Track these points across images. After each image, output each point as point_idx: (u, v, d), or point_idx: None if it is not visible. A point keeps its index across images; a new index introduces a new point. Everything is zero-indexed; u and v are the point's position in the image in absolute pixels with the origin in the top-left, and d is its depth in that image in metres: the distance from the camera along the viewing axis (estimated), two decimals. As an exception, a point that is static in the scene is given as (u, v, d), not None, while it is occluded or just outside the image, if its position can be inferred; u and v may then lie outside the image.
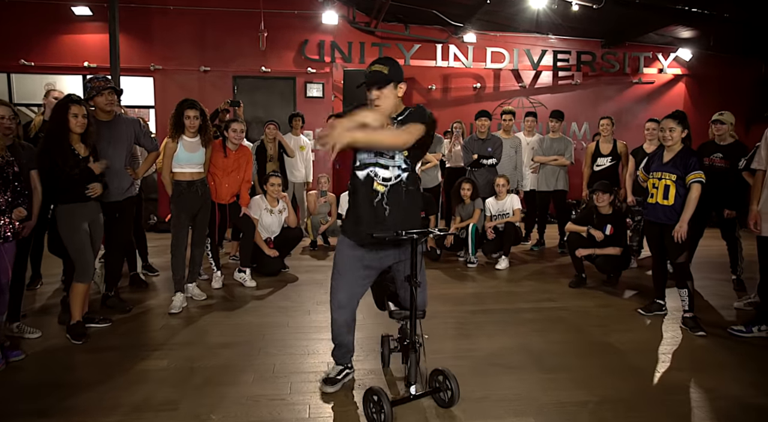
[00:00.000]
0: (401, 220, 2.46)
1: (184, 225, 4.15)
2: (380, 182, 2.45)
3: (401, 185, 2.47)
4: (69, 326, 3.41)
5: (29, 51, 7.84)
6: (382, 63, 2.45)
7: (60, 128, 3.29)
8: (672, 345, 3.46)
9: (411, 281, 2.40)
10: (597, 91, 9.62)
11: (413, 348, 2.46)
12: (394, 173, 2.46)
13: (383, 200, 2.46)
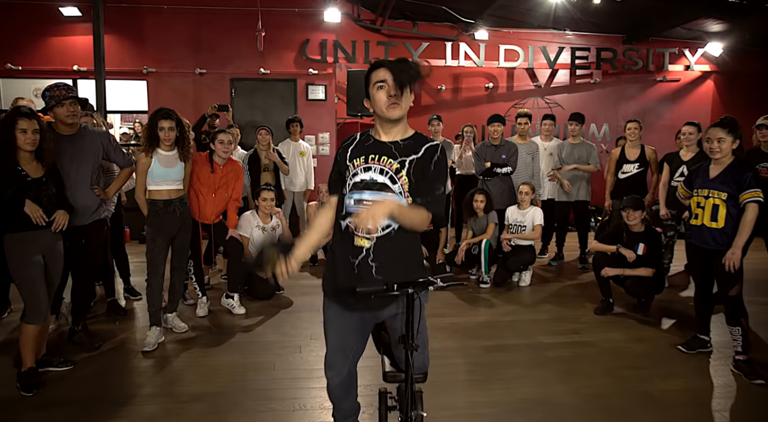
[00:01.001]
0: (393, 272, 1.95)
1: (161, 250, 3.68)
2: (362, 236, 1.92)
3: (392, 234, 1.92)
4: (20, 373, 2.96)
5: (16, 54, 7.45)
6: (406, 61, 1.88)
7: (5, 145, 2.84)
8: (726, 398, 2.92)
9: (406, 343, 1.89)
10: (618, 90, 9.01)
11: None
12: (383, 223, 1.91)
13: (368, 257, 1.93)
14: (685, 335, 3.70)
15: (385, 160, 1.93)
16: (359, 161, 1.95)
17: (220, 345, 3.66)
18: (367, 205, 1.89)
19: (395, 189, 1.92)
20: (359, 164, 1.95)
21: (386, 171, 1.92)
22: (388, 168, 1.92)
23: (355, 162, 1.95)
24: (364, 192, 1.92)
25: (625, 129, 5.53)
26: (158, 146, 3.64)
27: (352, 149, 1.99)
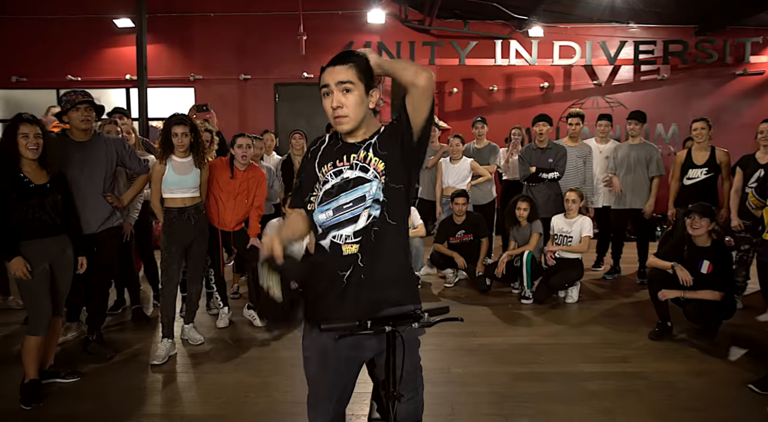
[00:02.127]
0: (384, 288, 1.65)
1: (175, 259, 3.57)
2: (351, 242, 1.65)
3: (372, 231, 1.64)
4: (22, 385, 2.91)
5: (75, 66, 7.81)
6: (341, 59, 1.64)
7: (7, 151, 2.80)
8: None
9: (387, 391, 1.57)
10: (689, 86, 8.21)
11: None
12: (365, 217, 1.64)
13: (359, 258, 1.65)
14: (760, 371, 3.13)
15: (352, 156, 1.68)
16: (328, 166, 1.70)
17: (230, 360, 3.49)
18: (347, 209, 1.65)
19: (369, 176, 1.65)
20: (328, 169, 1.70)
21: (355, 164, 1.67)
22: (356, 160, 1.67)
23: (323, 169, 1.71)
24: (339, 196, 1.67)
25: (691, 129, 4.91)
26: (172, 153, 3.54)
27: (320, 155, 1.73)
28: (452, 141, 5.73)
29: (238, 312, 4.30)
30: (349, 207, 1.65)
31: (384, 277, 1.67)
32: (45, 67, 7.75)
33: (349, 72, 1.60)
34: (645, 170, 5.29)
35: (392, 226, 1.66)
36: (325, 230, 1.69)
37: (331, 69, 1.63)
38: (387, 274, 1.67)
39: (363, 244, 1.64)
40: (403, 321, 1.54)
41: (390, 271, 1.67)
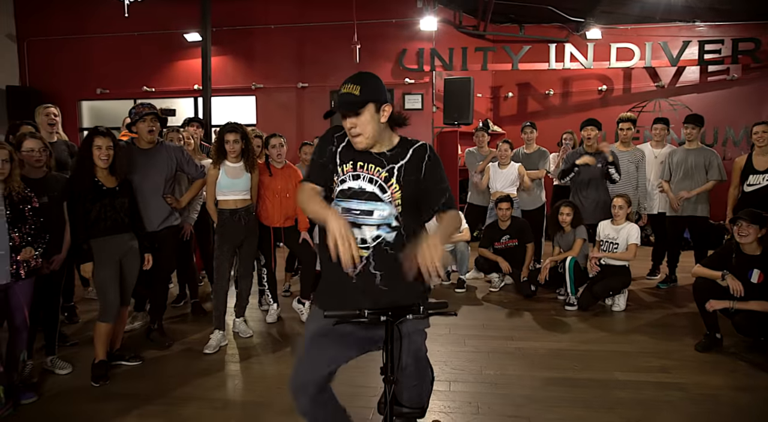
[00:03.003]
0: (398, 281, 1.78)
1: (227, 257, 3.87)
2: (361, 246, 1.79)
3: (383, 248, 1.80)
4: (92, 365, 3.27)
5: (150, 78, 8.47)
6: (352, 81, 1.80)
7: (84, 160, 3.19)
8: None
9: (386, 375, 1.71)
10: (762, 87, 7.74)
11: None
12: (371, 234, 1.81)
13: (369, 265, 1.81)
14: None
15: (372, 168, 1.84)
16: (348, 166, 1.87)
17: (274, 352, 3.73)
18: (356, 214, 1.81)
19: (384, 198, 1.82)
20: (348, 170, 1.86)
21: (375, 180, 1.83)
22: (377, 177, 1.84)
23: (344, 167, 1.87)
24: (352, 201, 1.84)
25: (751, 133, 4.68)
26: (225, 158, 3.83)
27: (341, 151, 1.89)
28: (501, 146, 5.75)
29: (286, 310, 4.55)
30: (357, 214, 1.81)
31: (393, 282, 1.81)
32: (124, 80, 8.47)
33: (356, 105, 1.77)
34: (704, 175, 5.09)
35: (399, 234, 1.82)
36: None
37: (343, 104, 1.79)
38: (396, 279, 1.79)
39: (374, 252, 1.80)
40: (400, 311, 1.67)
41: (399, 276, 1.76)
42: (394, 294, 1.81)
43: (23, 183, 2.94)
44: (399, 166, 1.84)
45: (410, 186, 1.83)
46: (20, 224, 2.86)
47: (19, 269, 2.84)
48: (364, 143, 1.81)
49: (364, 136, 1.80)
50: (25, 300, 2.94)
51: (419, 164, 1.85)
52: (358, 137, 1.80)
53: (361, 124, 1.78)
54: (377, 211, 1.81)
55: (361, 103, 1.77)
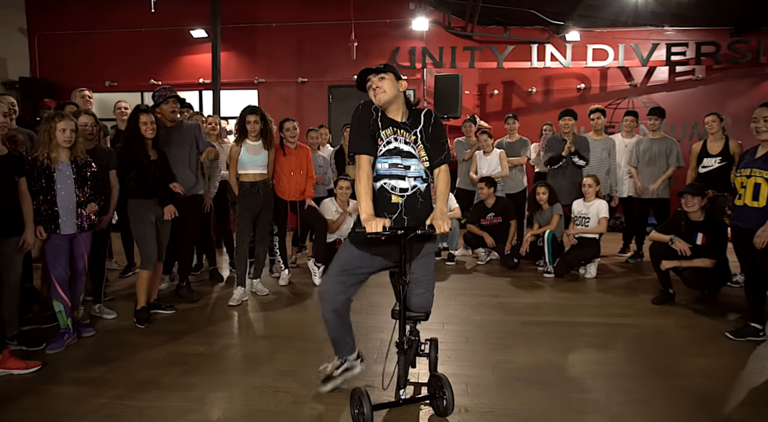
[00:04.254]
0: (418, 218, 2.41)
1: (247, 224, 4.41)
2: (398, 194, 2.41)
3: (417, 195, 2.41)
4: (135, 311, 3.79)
5: (157, 72, 8.95)
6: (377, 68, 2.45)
7: (135, 134, 3.71)
8: (755, 377, 2.89)
9: (399, 279, 2.30)
10: (724, 86, 8.47)
11: (401, 349, 2.34)
12: (410, 184, 2.42)
13: (402, 211, 2.42)
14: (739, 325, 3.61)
15: (404, 133, 2.44)
16: (389, 131, 2.43)
17: (290, 305, 4.29)
18: (399, 167, 2.41)
19: (416, 155, 2.44)
20: (389, 133, 2.43)
21: (408, 141, 2.44)
22: (409, 139, 2.44)
23: (386, 131, 2.43)
24: (394, 157, 2.42)
25: (704, 123, 5.34)
26: (246, 137, 4.38)
27: (380, 119, 2.44)
28: (481, 137, 6.38)
29: (296, 276, 5.11)
30: (400, 167, 2.41)
31: (418, 219, 2.41)
32: (132, 73, 8.94)
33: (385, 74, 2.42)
34: (666, 162, 5.74)
35: (428, 184, 2.47)
36: (379, 175, 2.44)
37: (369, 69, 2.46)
38: (421, 217, 2.41)
39: (408, 199, 2.41)
40: (407, 230, 2.27)
41: (423, 214, 2.41)
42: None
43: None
44: (419, 130, 2.45)
45: (428, 144, 2.45)
46: (83, 185, 3.38)
47: (83, 223, 3.36)
48: (384, 97, 2.39)
49: (385, 91, 2.39)
50: (86, 250, 3.46)
51: (428, 125, 2.46)
52: (380, 92, 2.39)
53: (383, 83, 2.39)
54: (413, 166, 2.43)
55: (383, 69, 2.42)
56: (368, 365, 2.97)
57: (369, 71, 2.44)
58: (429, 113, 2.49)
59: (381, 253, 2.43)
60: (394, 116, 2.45)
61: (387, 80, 2.40)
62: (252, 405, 2.54)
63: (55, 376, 2.88)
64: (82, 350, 3.28)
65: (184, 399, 2.58)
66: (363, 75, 2.46)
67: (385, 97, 2.39)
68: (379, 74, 2.41)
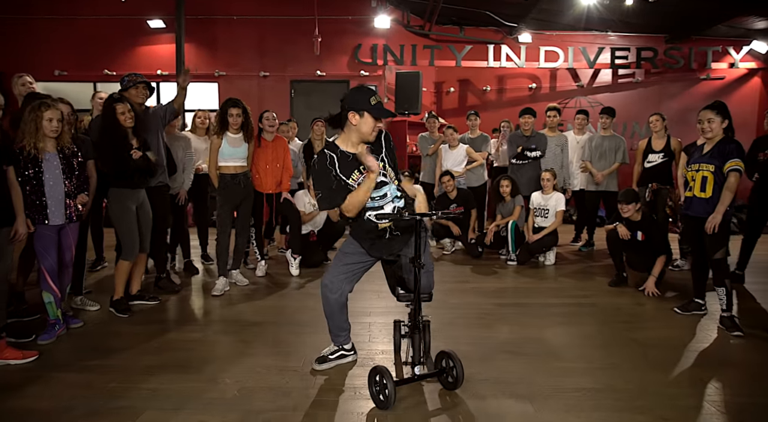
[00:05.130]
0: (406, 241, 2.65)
1: (228, 215, 4.48)
2: (383, 222, 2.59)
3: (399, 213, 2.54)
4: (112, 301, 3.80)
5: (112, 62, 8.68)
6: (376, 93, 2.60)
7: (113, 123, 3.69)
8: (703, 343, 3.31)
9: (415, 263, 2.49)
10: (660, 88, 9.21)
11: (417, 329, 2.54)
12: (390, 208, 2.60)
13: (392, 230, 2.63)
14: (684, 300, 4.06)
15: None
16: (356, 175, 2.57)
17: (274, 293, 4.40)
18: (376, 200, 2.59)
19: (387, 181, 2.63)
20: (357, 178, 2.57)
21: (379, 172, 2.57)
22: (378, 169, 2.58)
23: (353, 177, 2.57)
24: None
25: (648, 122, 5.86)
26: (227, 130, 4.44)
27: (340, 169, 2.55)
28: (447, 132, 6.67)
29: (271, 267, 5.21)
30: (376, 200, 2.59)
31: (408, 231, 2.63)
32: (84, 63, 8.63)
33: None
34: (614, 157, 6.24)
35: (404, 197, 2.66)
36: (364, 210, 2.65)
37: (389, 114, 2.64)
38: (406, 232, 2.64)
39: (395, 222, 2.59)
40: (424, 214, 2.47)
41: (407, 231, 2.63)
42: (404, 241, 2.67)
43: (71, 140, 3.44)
44: (383, 155, 2.64)
45: (392, 163, 2.67)
46: (71, 175, 3.36)
47: (71, 214, 3.35)
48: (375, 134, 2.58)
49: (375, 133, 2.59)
50: (74, 240, 3.44)
51: (389, 147, 2.67)
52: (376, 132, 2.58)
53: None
54: (388, 192, 2.61)
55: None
56: (364, 344, 3.16)
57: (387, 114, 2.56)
58: (387, 136, 2.68)
59: (382, 246, 2.65)
60: (354, 148, 2.56)
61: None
62: (263, 382, 2.67)
63: (57, 364, 2.89)
64: (75, 340, 3.28)
65: (195, 381, 2.68)
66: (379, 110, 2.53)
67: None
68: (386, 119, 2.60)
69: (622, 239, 4.64)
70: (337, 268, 2.71)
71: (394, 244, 2.68)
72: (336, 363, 2.87)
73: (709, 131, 3.62)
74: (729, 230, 3.56)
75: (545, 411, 2.39)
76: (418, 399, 2.51)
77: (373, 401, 2.46)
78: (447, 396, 2.54)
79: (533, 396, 2.54)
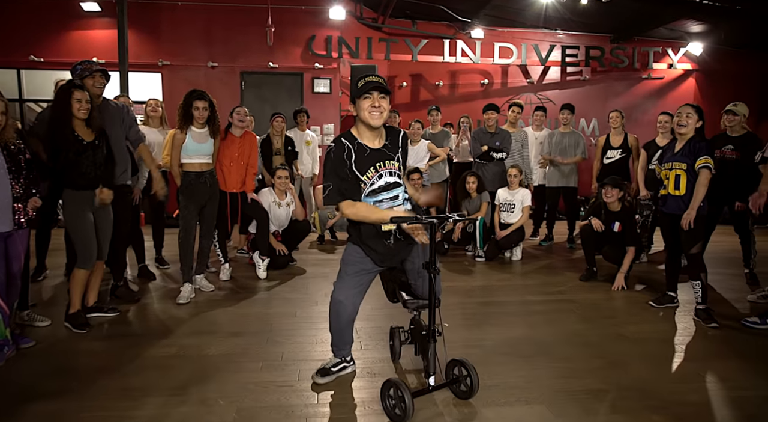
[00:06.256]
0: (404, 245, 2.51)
1: (193, 216, 4.14)
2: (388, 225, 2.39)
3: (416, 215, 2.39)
4: (68, 315, 3.40)
5: (39, 47, 7.88)
6: (377, 75, 2.39)
7: (63, 113, 3.28)
8: (686, 336, 3.41)
9: (430, 268, 2.35)
10: (606, 86, 9.55)
11: (432, 337, 2.40)
12: (401, 210, 2.45)
13: (396, 233, 2.47)
14: (657, 294, 4.19)
15: (388, 163, 2.43)
16: (371, 172, 2.40)
17: (244, 299, 4.12)
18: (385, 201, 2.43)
19: (400, 181, 2.47)
20: (372, 175, 2.40)
21: (393, 172, 2.44)
22: (394, 169, 2.44)
23: (368, 175, 2.39)
24: (381, 194, 2.43)
25: (608, 119, 6.03)
26: (192, 124, 4.10)
27: (355, 163, 2.37)
28: (414, 126, 6.57)
29: (235, 269, 4.90)
30: (385, 201, 2.43)
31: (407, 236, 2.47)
32: (6, 48, 7.78)
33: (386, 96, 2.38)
34: (574, 152, 6.38)
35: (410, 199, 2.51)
36: None
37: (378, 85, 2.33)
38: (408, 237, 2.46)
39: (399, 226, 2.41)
40: (441, 218, 2.34)
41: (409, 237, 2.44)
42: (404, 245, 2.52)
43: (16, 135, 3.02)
44: (399, 155, 2.47)
45: (404, 167, 2.51)
46: (19, 175, 2.95)
47: (20, 219, 2.94)
48: (381, 119, 2.33)
49: (383, 115, 2.34)
50: (23, 249, 3.03)
51: (405, 149, 2.50)
52: (379, 113, 2.32)
53: (384, 106, 2.33)
54: (400, 193, 2.46)
55: (388, 91, 2.37)
56: (357, 352, 3.00)
57: (375, 85, 2.31)
58: (405, 137, 2.51)
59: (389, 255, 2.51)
60: (371, 142, 2.40)
61: (386, 100, 2.35)
62: (261, 401, 2.45)
63: (11, 394, 2.51)
64: (29, 363, 2.88)
65: (186, 404, 2.41)
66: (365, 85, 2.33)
67: (382, 120, 2.35)
68: (383, 93, 2.32)
69: (597, 233, 4.72)
70: (346, 281, 2.52)
71: (401, 251, 2.53)
72: (337, 375, 2.69)
73: (685, 125, 3.71)
74: (704, 225, 3.69)
75: (564, 416, 2.34)
76: (434, 411, 2.38)
77: (388, 415, 2.31)
78: (462, 405, 2.43)
79: (547, 400, 2.48)
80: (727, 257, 5.57)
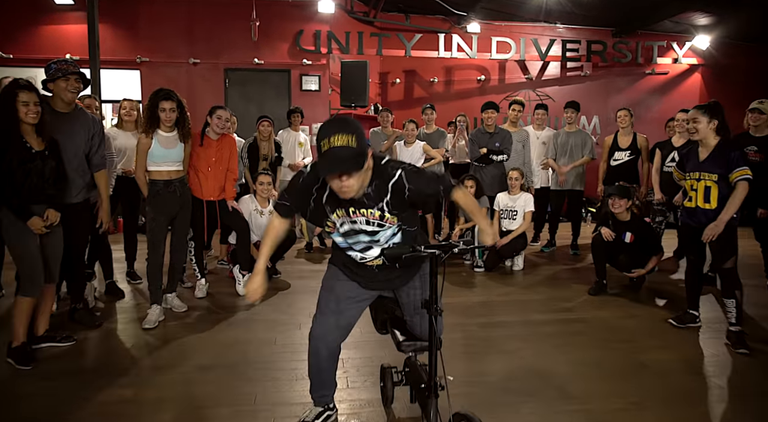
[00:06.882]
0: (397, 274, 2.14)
1: (162, 229, 3.71)
2: (370, 261, 2.08)
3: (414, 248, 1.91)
4: (10, 349, 2.96)
5: (8, 42, 7.40)
6: (341, 130, 1.72)
7: (8, 118, 2.85)
8: (716, 366, 3.02)
9: (430, 308, 1.91)
10: (608, 82, 9.16)
11: (435, 393, 1.98)
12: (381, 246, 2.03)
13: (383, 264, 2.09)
14: (676, 312, 3.80)
15: (365, 212, 1.94)
16: (341, 212, 1.97)
17: (220, 322, 3.70)
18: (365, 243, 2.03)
19: (385, 226, 1.99)
20: (342, 215, 1.98)
21: (371, 221, 1.97)
22: (372, 218, 1.96)
23: (337, 213, 1.98)
24: (357, 236, 2.02)
25: (615, 118, 5.63)
26: (158, 127, 3.66)
27: (327, 199, 1.96)
28: (408, 126, 6.14)
29: (213, 285, 4.48)
30: (366, 243, 2.03)
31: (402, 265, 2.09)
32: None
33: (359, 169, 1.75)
34: (581, 154, 5.97)
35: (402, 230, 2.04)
36: (343, 247, 2.10)
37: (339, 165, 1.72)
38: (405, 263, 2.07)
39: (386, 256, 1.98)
40: (445, 247, 1.90)
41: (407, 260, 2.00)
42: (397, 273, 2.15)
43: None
44: (385, 202, 1.92)
45: (403, 210, 1.97)
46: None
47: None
48: (352, 194, 1.81)
49: (354, 189, 1.79)
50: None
51: (402, 198, 1.91)
52: (347, 191, 1.78)
53: (355, 178, 1.75)
54: (383, 236, 2.02)
55: (363, 157, 1.71)
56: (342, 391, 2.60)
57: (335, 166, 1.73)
58: (400, 182, 1.88)
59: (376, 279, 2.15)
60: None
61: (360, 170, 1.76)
62: (223, 466, 2.04)
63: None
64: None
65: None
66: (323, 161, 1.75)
67: (354, 194, 1.83)
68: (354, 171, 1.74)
69: (608, 243, 4.33)
70: (325, 313, 2.12)
71: (393, 279, 2.13)
72: None
73: (695, 131, 3.36)
74: (736, 236, 3.30)
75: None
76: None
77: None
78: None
79: (566, 459, 2.09)
80: (745, 265, 5.15)
